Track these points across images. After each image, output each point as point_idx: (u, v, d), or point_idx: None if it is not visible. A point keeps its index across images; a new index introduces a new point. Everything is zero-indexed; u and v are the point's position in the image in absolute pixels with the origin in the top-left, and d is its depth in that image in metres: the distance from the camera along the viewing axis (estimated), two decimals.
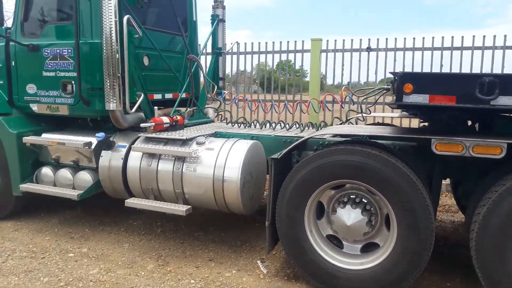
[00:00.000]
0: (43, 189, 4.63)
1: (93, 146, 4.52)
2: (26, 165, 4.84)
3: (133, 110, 4.42)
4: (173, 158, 4.11)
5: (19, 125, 4.88)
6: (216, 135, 4.54)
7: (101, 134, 4.35)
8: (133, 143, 4.42)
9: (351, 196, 3.36)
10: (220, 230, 4.82)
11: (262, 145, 4.19)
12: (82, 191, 4.49)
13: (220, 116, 5.37)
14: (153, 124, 4.36)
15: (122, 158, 4.36)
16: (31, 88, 4.82)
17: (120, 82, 4.28)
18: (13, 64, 4.87)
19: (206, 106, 5.66)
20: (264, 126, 4.80)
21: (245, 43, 8.11)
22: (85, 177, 4.60)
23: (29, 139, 4.71)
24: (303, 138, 3.61)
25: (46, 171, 4.81)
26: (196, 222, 5.03)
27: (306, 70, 8.06)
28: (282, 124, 4.72)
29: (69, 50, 4.53)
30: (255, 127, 4.85)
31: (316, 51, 7.33)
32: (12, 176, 4.82)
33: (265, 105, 5.06)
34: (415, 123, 6.40)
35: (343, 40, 7.35)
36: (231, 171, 3.82)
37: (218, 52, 5.96)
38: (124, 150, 4.40)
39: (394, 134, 3.41)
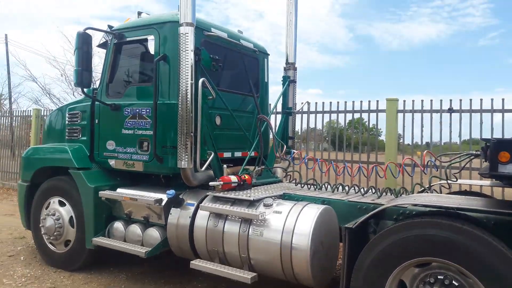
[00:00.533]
0: (113, 244, 4.69)
1: (163, 203, 4.55)
2: (100, 218, 4.98)
3: (203, 168, 4.42)
4: (240, 219, 3.99)
5: (97, 179, 5.10)
6: (285, 196, 4.37)
7: (171, 192, 4.38)
8: (201, 201, 4.39)
9: (439, 277, 2.94)
10: None
11: (334, 210, 3.93)
12: (150, 249, 4.48)
13: (289, 176, 5.22)
14: (221, 183, 4.31)
15: (189, 217, 4.32)
16: (110, 145, 5.06)
17: (193, 140, 4.34)
18: (96, 122, 5.19)
19: (274, 165, 5.56)
20: (336, 189, 4.54)
21: (316, 103, 7.99)
22: (154, 234, 4.61)
23: (104, 194, 4.87)
24: (383, 207, 3.32)
25: (118, 225, 4.91)
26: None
27: (380, 129, 7.67)
28: (356, 188, 4.43)
29: (147, 110, 4.73)
30: (326, 189, 4.61)
31: (392, 111, 7.02)
32: (86, 229, 4.97)
33: (337, 166, 4.83)
34: (510, 192, 5.74)
35: (422, 101, 6.95)
36: (300, 238, 3.58)
37: (288, 112, 5.93)
38: (192, 209, 4.37)
39: (487, 208, 3.00)
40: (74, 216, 5.16)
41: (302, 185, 4.85)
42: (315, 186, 4.71)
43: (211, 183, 4.35)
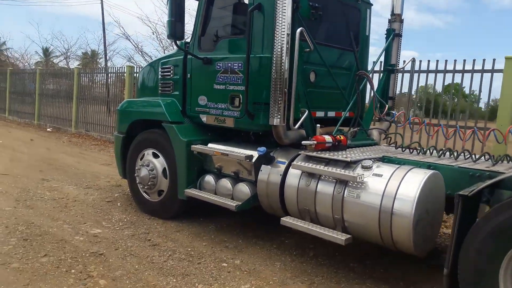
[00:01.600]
0: (205, 196, 4.80)
1: (253, 160, 4.51)
2: (192, 171, 5.11)
3: (296, 126, 4.27)
4: (334, 180, 3.82)
5: (189, 133, 5.19)
6: (384, 160, 4.10)
7: (262, 149, 4.31)
8: (292, 160, 4.27)
9: None
10: (380, 266, 4.33)
11: (442, 176, 3.59)
12: (240, 203, 4.51)
13: (388, 139, 4.87)
14: (314, 142, 4.14)
15: (280, 175, 4.24)
16: (202, 100, 5.08)
17: (286, 97, 4.18)
18: (189, 76, 5.22)
19: (371, 127, 5.25)
20: (443, 154, 4.15)
21: (420, 61, 7.19)
22: (244, 189, 4.62)
23: (196, 148, 4.95)
24: (505, 175, 2.94)
25: (209, 179, 5.00)
26: (351, 251, 4.62)
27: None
28: (467, 154, 4.01)
29: (240, 64, 4.63)
30: (431, 154, 4.24)
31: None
32: (179, 180, 5.14)
33: (446, 130, 4.39)
34: None
35: None
36: (403, 204, 3.33)
37: (391, 69, 5.48)
38: (283, 167, 4.28)
39: None
40: (167, 168, 5.35)
41: (404, 148, 4.51)
42: (418, 150, 4.35)
43: (303, 142, 4.20)
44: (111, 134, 13.20)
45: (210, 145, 5.08)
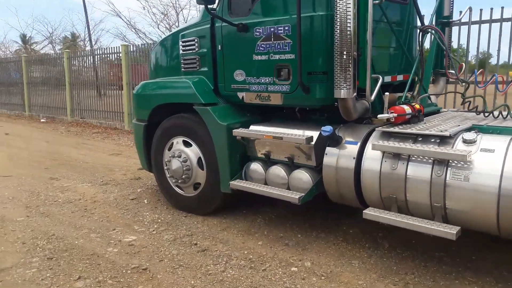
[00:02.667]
0: (259, 189, 4.09)
1: (313, 142, 3.79)
2: (235, 159, 4.38)
3: (373, 96, 3.53)
4: (431, 161, 3.12)
5: (227, 116, 4.44)
6: (475, 129, 3.39)
7: (328, 128, 3.58)
8: (366, 139, 3.57)
9: None
10: (472, 254, 3.71)
11: None
12: (303, 194, 3.81)
13: (467, 103, 4.12)
14: (395, 115, 3.42)
15: (354, 158, 3.54)
16: (239, 75, 4.30)
17: (356, 63, 3.42)
18: (219, 48, 4.40)
19: (431, 92, 4.52)
20: None
21: (481, 10, 6.18)
22: (303, 176, 3.92)
23: (240, 132, 4.21)
24: None
25: (256, 167, 4.28)
26: (428, 238, 3.97)
27: None
28: None
29: (286, 28, 3.84)
30: None
31: None
32: (221, 171, 4.41)
33: None
34: None
35: None
36: None
37: (445, 22, 4.70)
38: (355, 148, 3.57)
39: None
40: (203, 158, 4.62)
41: (487, 114, 3.81)
42: (507, 114, 3.65)
43: (380, 116, 3.49)
44: (111, 120, 12.36)
45: (253, 127, 4.33)
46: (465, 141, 3.07)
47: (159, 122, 5.07)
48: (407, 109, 3.51)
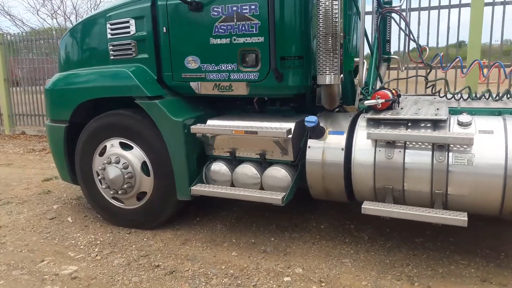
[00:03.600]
0: (231, 193, 3.55)
1: (290, 134, 3.40)
2: (192, 161, 3.78)
3: (364, 80, 3.26)
4: (430, 147, 2.98)
5: (180, 110, 3.80)
6: (451, 111, 3.35)
7: (314, 118, 3.21)
8: (352, 128, 3.30)
9: None
10: (448, 235, 3.71)
11: None
12: (285, 194, 3.41)
13: (431, 87, 4.08)
14: (382, 100, 3.21)
15: (342, 149, 3.24)
16: (192, 62, 3.68)
17: (340, 44, 3.10)
18: (164, 31, 3.72)
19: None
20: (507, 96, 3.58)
21: None
22: (279, 174, 3.51)
23: (202, 129, 3.62)
24: None
25: (220, 168, 3.74)
26: (399, 224, 3.89)
27: None
28: None
29: (253, 7, 3.35)
30: (498, 99, 3.59)
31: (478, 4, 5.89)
32: (177, 176, 3.77)
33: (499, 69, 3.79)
34: None
35: None
36: None
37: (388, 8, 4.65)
38: (342, 138, 3.28)
39: None
40: (148, 161, 3.90)
41: (450, 96, 3.82)
42: (485, 95, 3.65)
43: (367, 102, 3.25)
44: None
45: (212, 122, 3.78)
46: (461, 124, 2.99)
47: (83, 123, 4.19)
48: (389, 94, 3.32)
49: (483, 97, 3.66)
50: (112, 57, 4.06)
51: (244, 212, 4.42)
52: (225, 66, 3.56)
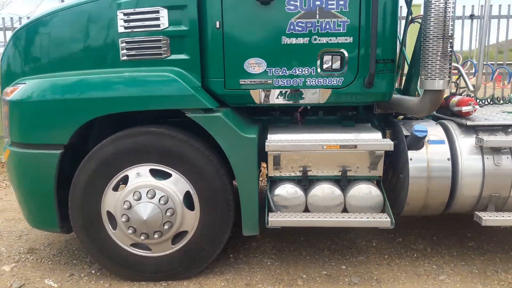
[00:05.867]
0: (330, 220, 2.97)
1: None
2: (258, 186, 3.07)
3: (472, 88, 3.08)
4: None
5: (243, 125, 3.07)
6: None
7: (425, 128, 2.92)
8: (448, 136, 3.13)
9: None
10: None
11: None
12: (389, 217, 3.00)
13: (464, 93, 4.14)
14: (476, 107, 3.13)
15: (449, 159, 3.02)
16: (255, 65, 3.00)
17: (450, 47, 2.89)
18: (217, 26, 2.95)
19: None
20: None
21: None
22: (371, 191, 3.09)
23: (279, 146, 2.96)
24: None
25: (292, 190, 3.11)
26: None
27: None
28: None
29: (341, 2, 2.90)
30: None
31: None
32: (244, 207, 3.02)
33: None
34: None
35: None
36: None
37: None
38: (446, 148, 3.06)
39: None
40: (194, 191, 3.03)
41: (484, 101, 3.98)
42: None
43: (465, 109, 3.10)
44: None
45: (278, 136, 3.13)
46: None
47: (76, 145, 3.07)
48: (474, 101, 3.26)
49: None
50: (125, 58, 3.05)
51: (271, 240, 3.83)
52: (300, 70, 3.00)
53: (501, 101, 3.98)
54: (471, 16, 6.66)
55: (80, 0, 3.14)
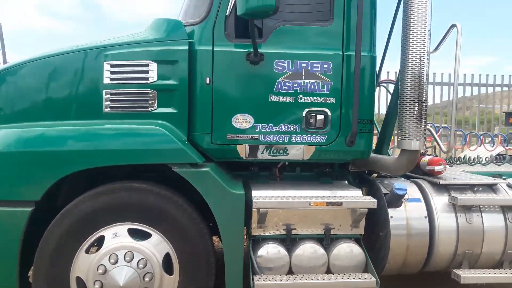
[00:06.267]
0: (317, 282, 2.88)
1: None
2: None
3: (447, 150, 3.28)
4: (499, 209, 3.22)
5: (229, 180, 3.00)
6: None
7: (403, 186, 3.04)
8: (424, 195, 3.28)
9: None
10: None
11: None
12: (374, 276, 2.99)
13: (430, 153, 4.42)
14: (447, 166, 3.35)
15: (425, 217, 3.15)
16: (243, 121, 3.02)
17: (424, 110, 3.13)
18: (208, 82, 2.96)
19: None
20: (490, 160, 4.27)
21: None
22: (354, 250, 3.08)
23: (267, 202, 2.90)
24: None
25: (275, 251, 3.01)
26: None
27: None
28: None
29: (325, 65, 3.07)
30: (485, 163, 4.21)
31: None
32: (229, 268, 2.86)
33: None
34: None
35: None
36: None
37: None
38: (422, 205, 3.20)
39: None
40: (174, 253, 2.84)
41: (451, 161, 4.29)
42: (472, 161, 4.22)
43: (438, 168, 3.30)
44: None
45: (261, 193, 3.08)
46: (510, 186, 3.36)
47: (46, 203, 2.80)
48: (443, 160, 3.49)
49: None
50: (108, 109, 2.94)
51: None
52: (286, 127, 3.06)
53: (458, 162, 4.32)
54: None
55: (60, 50, 3.03)
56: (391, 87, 4.33)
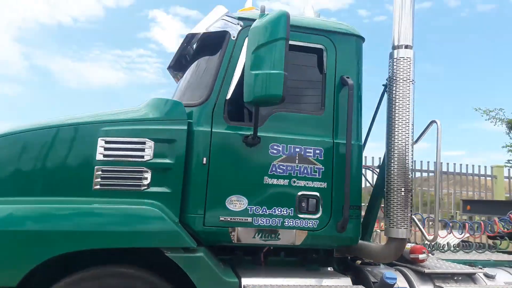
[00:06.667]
0: None
1: None
2: None
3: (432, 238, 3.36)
4: None
5: (221, 267, 2.88)
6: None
7: (393, 275, 3.06)
8: (410, 282, 3.31)
9: None
10: None
11: None
12: None
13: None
14: (429, 255, 3.44)
15: None
16: (236, 203, 3.00)
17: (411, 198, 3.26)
18: (204, 162, 2.96)
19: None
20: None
21: None
22: None
23: None
24: None
25: None
26: None
27: None
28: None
29: (318, 151, 3.18)
30: (458, 250, 4.35)
31: None
32: None
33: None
34: None
35: None
36: None
37: None
38: None
39: None
40: None
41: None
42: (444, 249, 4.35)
43: (421, 256, 3.37)
44: None
45: (248, 281, 2.96)
46: (488, 276, 3.48)
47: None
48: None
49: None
50: (97, 187, 2.83)
51: None
52: (279, 210, 3.06)
53: (429, 248, 4.43)
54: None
55: (48, 123, 2.94)
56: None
